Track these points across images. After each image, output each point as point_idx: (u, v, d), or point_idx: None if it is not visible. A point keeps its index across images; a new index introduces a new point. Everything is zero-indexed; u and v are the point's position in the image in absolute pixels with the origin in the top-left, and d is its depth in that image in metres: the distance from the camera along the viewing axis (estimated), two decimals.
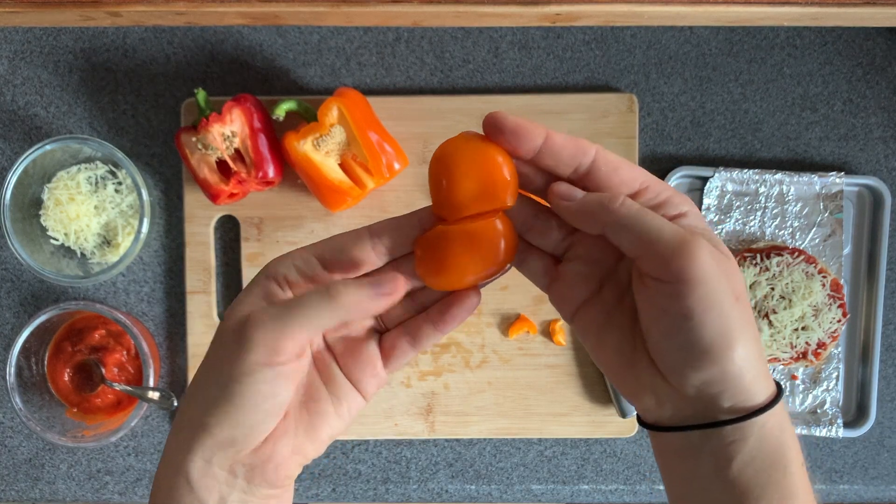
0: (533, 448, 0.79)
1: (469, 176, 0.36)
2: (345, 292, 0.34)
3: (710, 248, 0.33)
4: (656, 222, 0.33)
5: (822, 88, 0.79)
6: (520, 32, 0.78)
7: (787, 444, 0.34)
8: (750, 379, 0.33)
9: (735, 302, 0.33)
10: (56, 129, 0.78)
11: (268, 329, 0.34)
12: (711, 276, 0.32)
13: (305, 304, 0.34)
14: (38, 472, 0.79)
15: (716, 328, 0.32)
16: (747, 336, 0.33)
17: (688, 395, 0.34)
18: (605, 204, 0.34)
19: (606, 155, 0.36)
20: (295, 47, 0.78)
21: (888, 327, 0.79)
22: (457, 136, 0.37)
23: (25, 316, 0.79)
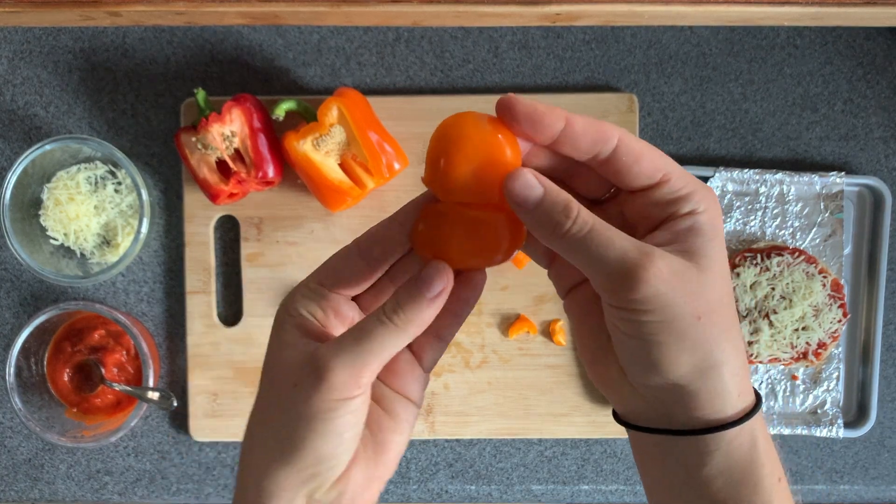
0: (533, 448, 0.79)
1: (470, 162, 0.33)
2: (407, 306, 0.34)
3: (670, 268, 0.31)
4: (601, 249, 0.31)
5: (823, 88, 0.79)
6: (520, 32, 0.78)
7: (759, 460, 0.33)
8: (712, 396, 0.32)
9: (696, 322, 0.31)
10: (56, 129, 0.78)
11: (346, 365, 0.33)
12: (662, 303, 0.31)
13: (374, 336, 0.33)
14: (37, 473, 0.79)
15: (668, 352, 0.31)
16: (709, 356, 0.32)
17: (648, 398, 0.34)
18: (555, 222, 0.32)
19: (630, 142, 0.33)
20: (295, 47, 0.78)
21: (889, 327, 0.79)
22: (466, 113, 0.34)
23: (25, 316, 0.79)
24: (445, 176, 0.34)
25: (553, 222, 0.32)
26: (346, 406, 0.33)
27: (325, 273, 0.37)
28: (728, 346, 0.32)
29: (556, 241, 0.32)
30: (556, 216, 0.32)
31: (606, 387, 0.36)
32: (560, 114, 0.33)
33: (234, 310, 0.78)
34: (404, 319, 0.33)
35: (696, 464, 0.33)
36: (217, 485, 0.79)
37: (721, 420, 0.33)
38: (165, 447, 0.79)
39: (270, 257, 0.77)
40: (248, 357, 0.77)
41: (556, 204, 0.32)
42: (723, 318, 0.32)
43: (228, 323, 0.78)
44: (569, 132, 0.33)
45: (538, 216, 0.32)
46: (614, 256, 0.31)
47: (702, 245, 0.32)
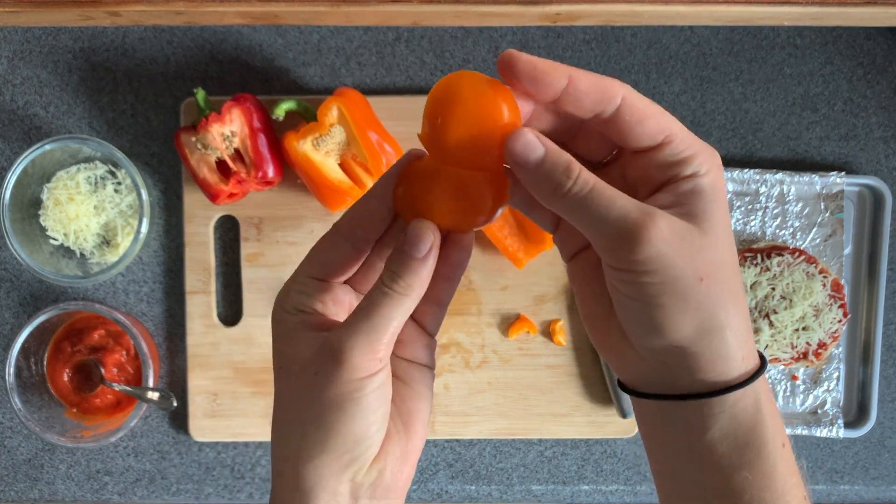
0: (533, 448, 0.79)
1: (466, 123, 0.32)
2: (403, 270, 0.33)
3: (672, 229, 0.31)
4: (602, 210, 0.31)
5: (823, 88, 0.79)
6: (520, 32, 0.78)
7: (764, 422, 0.33)
8: (716, 358, 0.32)
9: (698, 283, 0.31)
10: (55, 129, 0.78)
11: (361, 343, 0.33)
12: (663, 263, 0.30)
13: (380, 309, 0.33)
14: (37, 473, 0.79)
15: (670, 314, 0.31)
16: (713, 317, 0.31)
17: (651, 361, 0.33)
18: (556, 182, 0.32)
19: (634, 102, 0.32)
20: (295, 47, 0.78)
21: (889, 327, 0.79)
22: (465, 72, 0.33)
23: (25, 316, 0.79)
24: (442, 135, 0.33)
25: (554, 182, 0.32)
26: (371, 383, 0.33)
27: (314, 265, 0.37)
28: (731, 309, 0.32)
29: (557, 201, 0.32)
30: (558, 176, 0.32)
31: (609, 352, 0.36)
32: (563, 71, 0.32)
33: (234, 310, 0.78)
34: (404, 285, 0.33)
35: (700, 428, 0.33)
36: (217, 485, 0.79)
37: (725, 383, 0.32)
38: (165, 447, 0.79)
39: (270, 257, 0.77)
40: (247, 357, 0.77)
41: (558, 164, 0.32)
42: (726, 280, 0.32)
43: (228, 323, 0.78)
44: (571, 90, 0.32)
45: (539, 176, 0.32)
46: (615, 216, 0.31)
47: (704, 207, 0.32)
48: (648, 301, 0.31)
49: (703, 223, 0.32)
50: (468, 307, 0.77)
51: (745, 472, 0.32)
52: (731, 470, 0.33)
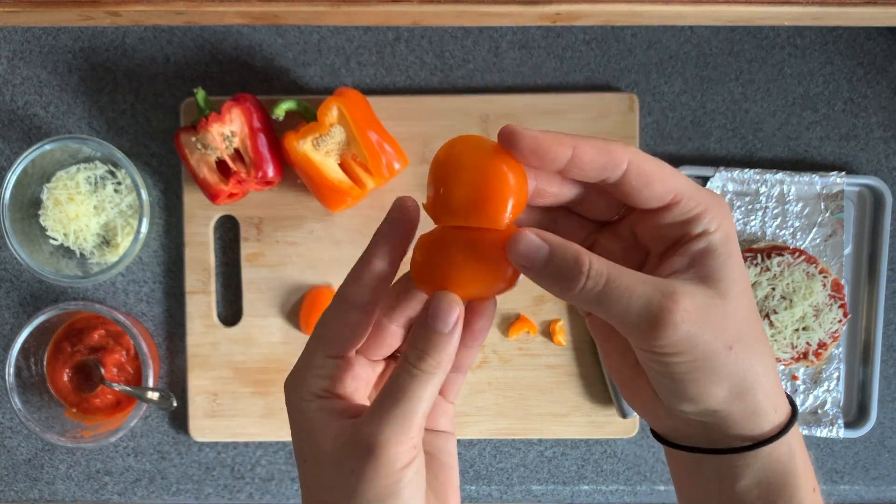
0: (533, 448, 0.79)
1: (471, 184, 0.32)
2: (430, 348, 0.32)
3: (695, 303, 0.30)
4: (622, 302, 0.30)
5: (823, 88, 0.79)
6: (520, 32, 0.78)
7: (796, 471, 0.33)
8: (747, 414, 0.32)
9: (728, 352, 0.31)
10: (55, 129, 0.78)
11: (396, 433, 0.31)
12: (693, 343, 0.30)
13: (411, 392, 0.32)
14: (37, 473, 0.79)
15: (703, 386, 0.31)
16: (744, 381, 0.32)
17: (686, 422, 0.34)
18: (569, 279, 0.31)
19: (641, 165, 0.32)
20: (294, 47, 0.78)
21: (889, 327, 0.79)
22: (470, 136, 0.33)
23: (24, 316, 0.79)
24: (447, 199, 0.32)
25: (566, 280, 0.31)
26: (408, 472, 0.32)
27: (325, 341, 0.35)
28: (760, 368, 0.32)
29: (574, 300, 0.31)
30: (568, 273, 0.31)
31: (641, 408, 0.36)
32: (567, 142, 0.31)
33: (234, 310, 0.78)
34: (433, 364, 0.32)
35: (732, 477, 0.33)
36: (217, 485, 0.79)
37: (759, 437, 0.33)
38: (165, 447, 0.79)
39: (270, 257, 0.77)
40: (247, 357, 0.77)
41: (566, 260, 0.31)
42: (753, 341, 0.32)
43: (228, 323, 0.78)
44: (576, 161, 0.32)
45: (549, 276, 0.31)
46: (637, 306, 0.30)
47: (719, 267, 0.32)
48: (681, 378, 0.31)
49: (721, 285, 0.32)
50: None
51: None
52: None
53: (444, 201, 0.32)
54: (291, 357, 0.77)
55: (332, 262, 0.77)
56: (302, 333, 0.77)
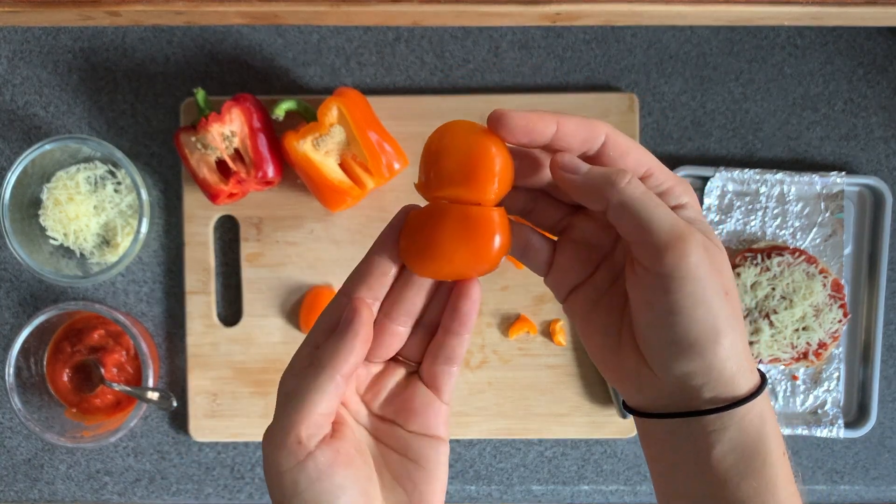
0: (533, 449, 0.79)
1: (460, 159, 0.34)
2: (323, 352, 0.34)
3: (705, 243, 0.33)
4: (658, 211, 0.33)
5: (823, 88, 0.79)
6: (520, 32, 0.78)
7: (768, 434, 0.34)
8: (732, 372, 0.33)
9: (725, 297, 0.33)
10: (55, 129, 0.78)
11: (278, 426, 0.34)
12: (702, 273, 0.32)
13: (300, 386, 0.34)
14: (37, 473, 0.79)
15: (702, 324, 0.32)
16: (733, 330, 0.33)
17: (669, 384, 0.34)
18: (612, 180, 0.33)
19: (617, 138, 0.35)
20: (294, 47, 0.78)
21: (889, 327, 0.79)
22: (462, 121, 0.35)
23: (24, 316, 0.79)
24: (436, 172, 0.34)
25: (612, 179, 0.33)
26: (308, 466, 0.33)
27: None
28: (740, 326, 0.34)
29: (616, 196, 0.33)
30: (612, 176, 0.33)
31: (622, 379, 0.36)
32: (551, 119, 0.34)
33: (234, 310, 0.78)
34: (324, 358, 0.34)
35: (708, 443, 0.34)
36: (217, 485, 0.79)
37: (736, 398, 0.33)
38: (165, 447, 0.79)
39: (270, 257, 0.77)
40: (247, 357, 0.77)
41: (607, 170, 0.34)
42: (737, 300, 0.34)
43: (228, 323, 0.78)
44: (561, 135, 0.34)
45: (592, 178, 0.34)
46: (668, 221, 0.32)
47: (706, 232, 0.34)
48: (685, 312, 0.32)
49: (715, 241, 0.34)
50: None
51: (752, 482, 0.34)
52: (738, 479, 0.34)
53: (435, 174, 0.34)
54: None
55: (332, 262, 0.77)
56: (302, 333, 0.77)
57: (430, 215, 0.34)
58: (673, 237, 0.32)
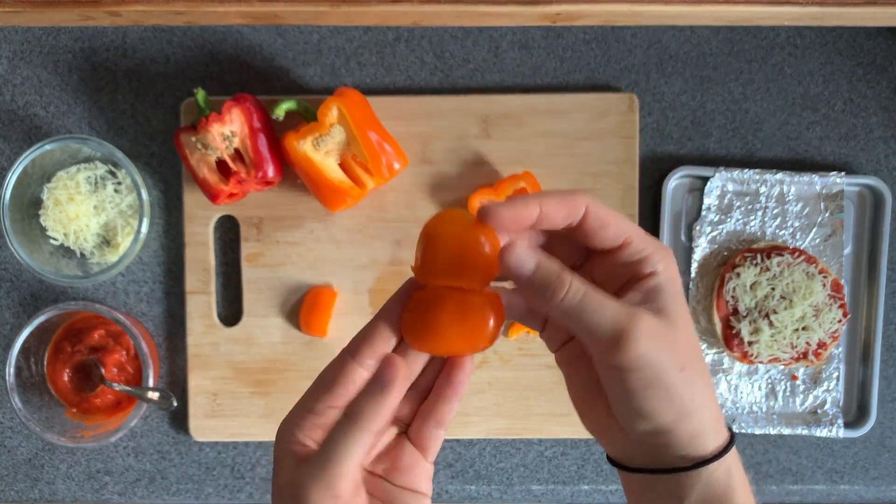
0: (533, 448, 0.79)
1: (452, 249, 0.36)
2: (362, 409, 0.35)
3: (653, 327, 0.34)
4: (598, 313, 0.34)
5: (823, 88, 0.79)
6: (520, 32, 0.78)
7: (735, 488, 0.37)
8: (694, 435, 0.36)
9: (679, 373, 0.35)
10: (55, 129, 0.78)
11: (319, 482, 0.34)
12: (650, 359, 0.34)
13: (338, 441, 0.35)
14: (37, 473, 0.79)
15: (656, 402, 0.35)
16: (691, 401, 0.35)
17: (637, 442, 0.37)
18: (550, 295, 0.35)
19: (597, 210, 0.37)
20: (295, 47, 0.78)
21: (889, 327, 0.79)
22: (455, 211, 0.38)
23: (25, 316, 0.79)
24: (431, 262, 0.37)
25: (550, 290, 0.35)
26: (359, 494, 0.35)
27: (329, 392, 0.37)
28: (705, 392, 0.36)
29: (554, 309, 0.35)
30: (552, 284, 0.35)
31: (598, 433, 0.39)
32: (534, 203, 0.36)
33: (234, 310, 0.78)
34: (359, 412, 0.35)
35: (679, 496, 0.37)
36: (217, 485, 0.79)
37: (702, 457, 0.36)
38: (165, 447, 0.79)
39: (270, 257, 0.77)
40: (247, 357, 0.77)
41: (550, 273, 0.35)
42: (699, 368, 0.36)
43: (228, 323, 0.78)
44: (542, 216, 0.36)
45: (535, 284, 0.35)
46: (607, 320, 0.34)
47: (668, 303, 0.36)
48: (638, 393, 0.35)
49: (672, 317, 0.36)
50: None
51: None
52: None
53: (432, 264, 0.37)
54: (292, 357, 0.77)
55: (332, 262, 0.77)
56: (302, 333, 0.77)
57: (429, 300, 0.37)
58: (615, 334, 0.34)
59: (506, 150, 0.77)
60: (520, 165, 0.76)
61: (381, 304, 0.40)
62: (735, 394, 0.78)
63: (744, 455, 0.79)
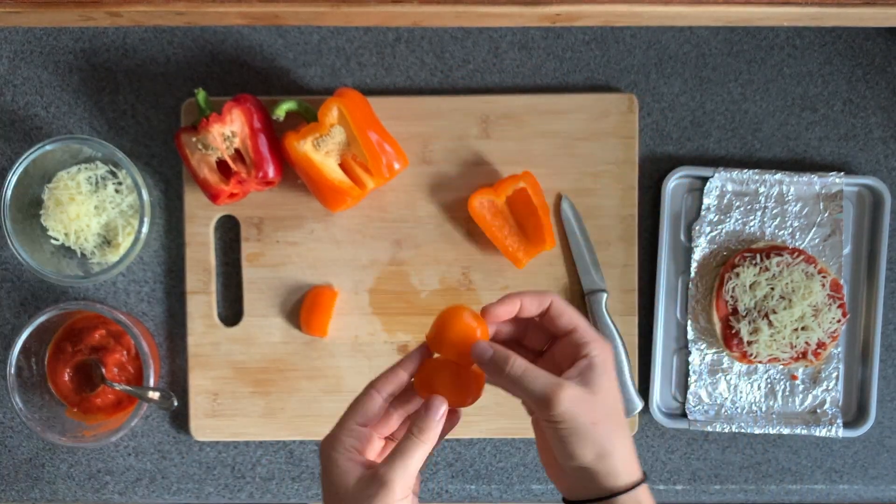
0: (533, 448, 0.79)
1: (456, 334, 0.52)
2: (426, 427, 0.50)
3: (575, 394, 0.48)
4: (534, 382, 0.49)
5: (822, 88, 0.79)
6: (520, 32, 0.78)
7: None
8: (609, 473, 0.49)
9: (592, 426, 0.48)
10: (56, 130, 0.78)
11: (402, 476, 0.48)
12: (569, 416, 0.48)
13: (411, 451, 0.49)
14: (38, 472, 0.79)
15: (578, 446, 0.49)
16: (605, 447, 0.49)
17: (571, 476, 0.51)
18: (500, 366, 0.50)
19: (558, 304, 0.52)
20: (295, 47, 0.78)
21: (888, 327, 0.80)
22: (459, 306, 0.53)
23: (25, 316, 0.79)
24: (441, 342, 0.53)
25: (500, 367, 0.50)
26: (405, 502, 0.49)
27: (359, 415, 0.51)
28: (617, 441, 0.49)
29: (504, 378, 0.50)
30: (501, 364, 0.50)
31: (553, 477, 0.54)
32: (517, 300, 0.52)
33: (235, 310, 0.78)
34: (426, 437, 0.50)
35: None
36: (217, 484, 0.79)
37: (615, 489, 0.50)
38: (166, 447, 0.79)
39: (271, 257, 0.77)
40: (248, 357, 0.77)
41: (501, 357, 0.50)
42: (612, 423, 0.49)
43: (229, 323, 0.78)
44: (522, 309, 0.52)
45: (492, 364, 0.51)
46: (539, 387, 0.49)
47: (595, 378, 0.49)
48: (565, 439, 0.49)
49: (594, 388, 0.49)
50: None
51: None
52: None
53: (439, 342, 0.53)
54: (292, 357, 0.77)
55: (332, 262, 0.77)
56: (302, 333, 0.77)
57: (434, 367, 0.53)
58: (544, 398, 0.48)
59: (506, 151, 0.77)
60: (519, 165, 0.76)
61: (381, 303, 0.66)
62: (734, 393, 0.78)
63: (743, 455, 0.80)
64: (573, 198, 0.77)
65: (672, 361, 0.79)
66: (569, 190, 0.77)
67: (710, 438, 0.80)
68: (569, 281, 0.78)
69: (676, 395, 0.79)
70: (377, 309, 0.78)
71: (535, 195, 0.75)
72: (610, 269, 0.77)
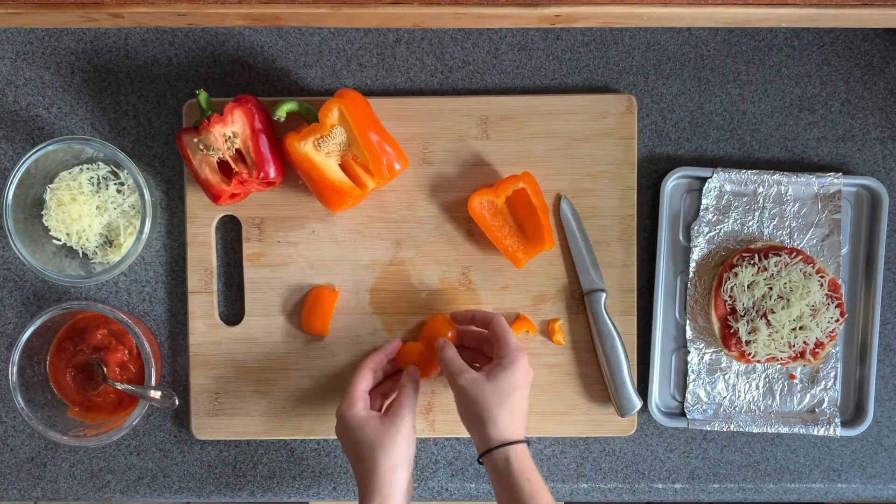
0: (532, 447, 0.80)
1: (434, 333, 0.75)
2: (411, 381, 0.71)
3: (471, 377, 0.68)
4: (453, 364, 0.70)
5: (821, 89, 0.79)
6: (519, 34, 0.78)
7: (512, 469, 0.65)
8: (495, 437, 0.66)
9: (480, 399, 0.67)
10: (58, 130, 0.78)
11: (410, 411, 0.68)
12: (469, 392, 0.67)
13: (410, 396, 0.70)
14: (40, 471, 0.80)
15: (475, 412, 0.67)
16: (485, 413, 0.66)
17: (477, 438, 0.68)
18: (438, 351, 0.72)
19: (497, 320, 0.72)
20: (296, 48, 0.78)
21: (886, 327, 0.80)
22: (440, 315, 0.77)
23: (28, 316, 0.79)
24: (421, 335, 0.76)
25: (438, 351, 0.72)
26: (413, 431, 0.69)
27: (363, 384, 0.71)
28: (499, 412, 0.66)
29: (438, 356, 0.71)
30: (439, 349, 0.72)
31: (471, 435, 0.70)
32: (470, 313, 0.75)
33: (236, 309, 0.79)
34: (414, 384, 0.71)
35: (490, 470, 0.67)
36: (218, 483, 0.80)
37: (490, 446, 0.66)
38: (167, 446, 0.80)
39: (272, 257, 0.77)
40: (249, 356, 0.78)
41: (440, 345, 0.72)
42: (497, 399, 0.66)
43: (230, 322, 0.78)
44: (476, 319, 0.74)
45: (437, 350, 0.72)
46: (453, 368, 0.69)
47: (498, 372, 0.68)
48: (459, 402, 0.69)
49: (495, 378, 0.67)
50: (468, 307, 0.78)
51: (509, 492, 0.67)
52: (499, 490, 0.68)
53: (422, 336, 0.76)
54: (293, 356, 0.78)
55: (333, 261, 0.77)
56: (303, 333, 0.78)
57: (411, 350, 0.76)
58: (454, 376, 0.68)
59: (505, 151, 0.77)
60: (519, 166, 0.77)
61: (382, 303, 0.77)
62: (733, 393, 0.78)
63: (741, 453, 0.80)
64: (572, 198, 0.77)
65: (671, 361, 0.79)
66: (568, 190, 0.77)
67: (708, 437, 0.80)
68: (568, 281, 0.78)
69: (675, 395, 0.79)
70: (378, 308, 0.78)
71: (535, 195, 0.75)
72: (609, 269, 0.78)
